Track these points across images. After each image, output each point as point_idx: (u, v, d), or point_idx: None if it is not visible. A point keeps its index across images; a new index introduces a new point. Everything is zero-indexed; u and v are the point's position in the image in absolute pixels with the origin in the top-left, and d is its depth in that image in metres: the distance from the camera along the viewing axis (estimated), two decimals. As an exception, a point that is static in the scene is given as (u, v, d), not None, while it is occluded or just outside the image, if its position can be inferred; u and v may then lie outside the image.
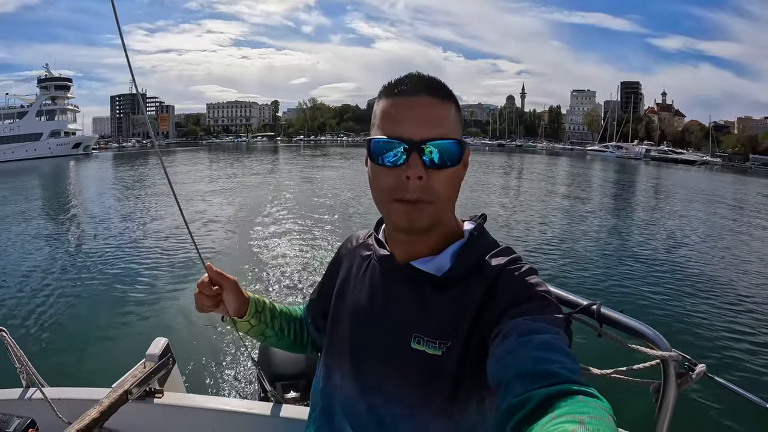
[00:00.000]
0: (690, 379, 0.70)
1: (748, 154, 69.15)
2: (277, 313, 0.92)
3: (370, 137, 0.65)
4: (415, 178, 0.61)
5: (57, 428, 0.99)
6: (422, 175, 0.62)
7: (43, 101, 56.10)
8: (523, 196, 17.96)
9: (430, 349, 0.65)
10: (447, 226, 0.71)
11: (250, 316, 0.87)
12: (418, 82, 0.64)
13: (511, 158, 48.08)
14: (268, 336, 0.92)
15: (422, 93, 0.63)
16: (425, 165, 0.62)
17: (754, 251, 9.20)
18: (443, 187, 0.64)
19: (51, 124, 54.51)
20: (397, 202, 0.64)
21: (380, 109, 0.66)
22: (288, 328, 0.93)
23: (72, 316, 4.77)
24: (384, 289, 0.74)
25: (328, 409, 0.76)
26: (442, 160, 0.62)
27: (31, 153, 50.49)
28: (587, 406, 0.42)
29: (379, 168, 0.65)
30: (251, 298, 0.88)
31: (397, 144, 0.62)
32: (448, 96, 0.65)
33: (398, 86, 0.65)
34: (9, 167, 36.76)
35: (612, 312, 0.76)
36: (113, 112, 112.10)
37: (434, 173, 0.62)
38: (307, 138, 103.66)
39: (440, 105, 0.64)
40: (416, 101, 0.63)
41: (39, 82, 58.79)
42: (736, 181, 32.80)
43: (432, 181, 0.62)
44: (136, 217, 11.43)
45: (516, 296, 0.62)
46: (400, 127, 0.62)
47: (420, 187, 0.62)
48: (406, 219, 0.64)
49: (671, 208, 15.58)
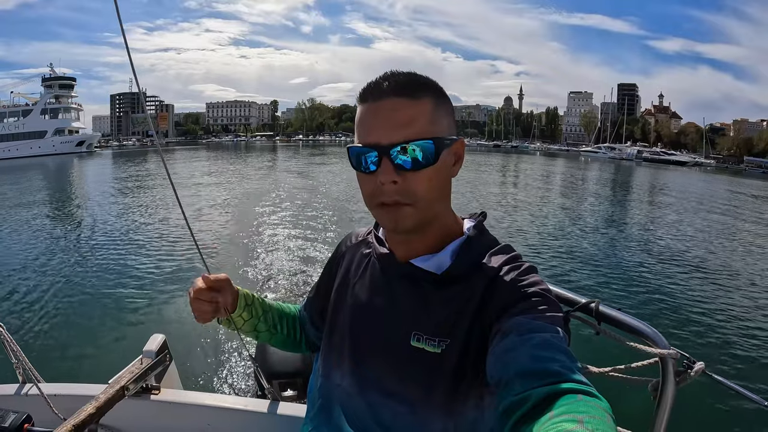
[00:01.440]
0: (688, 377, 0.70)
1: (742, 156, 69.86)
2: (268, 308, 0.91)
3: (348, 146, 0.66)
4: (389, 183, 0.62)
5: (53, 424, 0.98)
6: (395, 179, 0.61)
7: (48, 100, 56.99)
8: (512, 193, 18.10)
9: (430, 347, 0.65)
10: (443, 224, 0.70)
11: (241, 309, 0.85)
12: (384, 86, 0.63)
13: (504, 158, 48.60)
14: (261, 331, 0.89)
15: (389, 95, 0.62)
16: (397, 169, 0.61)
17: (752, 250, 9.26)
18: (421, 187, 0.63)
19: (55, 123, 55.89)
20: (379, 207, 0.65)
21: (357, 116, 0.66)
22: (281, 324, 0.92)
23: (69, 311, 4.74)
24: (384, 287, 0.73)
25: (326, 406, 0.76)
26: (415, 162, 0.61)
27: (36, 150, 51.67)
28: (586, 405, 0.42)
29: (360, 174, 0.66)
30: (240, 291, 0.86)
31: (367, 150, 0.63)
32: (420, 92, 0.63)
33: (367, 91, 0.65)
34: (15, 164, 37.14)
35: (610, 310, 0.76)
36: (113, 111, 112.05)
37: (410, 175, 0.62)
38: (306, 138, 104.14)
39: (409, 105, 0.62)
40: (382, 105, 0.62)
41: (43, 81, 59.85)
42: (728, 182, 33.09)
43: (408, 183, 0.62)
44: (135, 213, 11.40)
45: (516, 294, 0.62)
46: (371, 134, 0.62)
47: (396, 191, 0.62)
48: (391, 222, 0.65)
49: (667, 208, 15.67)
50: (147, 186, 17.93)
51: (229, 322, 0.85)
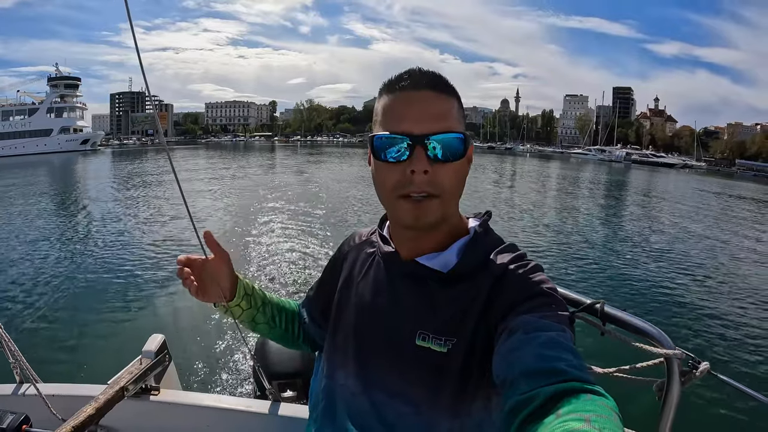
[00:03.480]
0: (694, 377, 0.70)
1: (735, 159, 70.57)
2: (268, 300, 0.90)
3: (373, 134, 0.65)
4: (421, 173, 0.61)
5: (51, 425, 0.97)
6: (427, 169, 0.61)
7: (53, 99, 58.60)
8: (504, 192, 18.19)
9: (436, 346, 0.64)
10: (452, 223, 0.70)
11: (240, 298, 0.82)
12: (419, 77, 0.64)
13: (496, 160, 49.18)
14: (259, 323, 0.88)
15: (424, 87, 0.63)
16: (430, 159, 0.61)
17: (758, 250, 9.32)
18: (449, 180, 0.63)
19: (61, 121, 57.33)
20: (402, 199, 0.63)
21: (382, 105, 0.66)
22: (279, 318, 0.91)
23: (68, 311, 4.71)
24: (389, 286, 0.73)
25: (330, 406, 0.75)
26: (446, 154, 0.62)
27: (42, 148, 53.09)
28: (594, 404, 0.42)
29: (382, 164, 0.64)
30: (240, 279, 0.84)
31: (400, 139, 0.62)
32: (450, 91, 0.65)
33: (399, 82, 0.65)
34: (22, 160, 38.36)
35: (615, 310, 0.76)
36: (113, 110, 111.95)
37: (439, 167, 0.62)
38: (304, 138, 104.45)
39: (442, 99, 0.64)
40: (418, 95, 0.63)
41: (49, 81, 61.59)
42: (717, 184, 33.56)
43: (437, 175, 0.62)
44: (135, 211, 11.39)
45: (522, 293, 0.61)
46: (403, 123, 0.62)
47: (426, 181, 0.62)
48: (412, 216, 0.64)
49: (662, 209, 15.77)
50: (147, 184, 17.97)
51: (226, 310, 0.83)
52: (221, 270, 0.79)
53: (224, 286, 0.80)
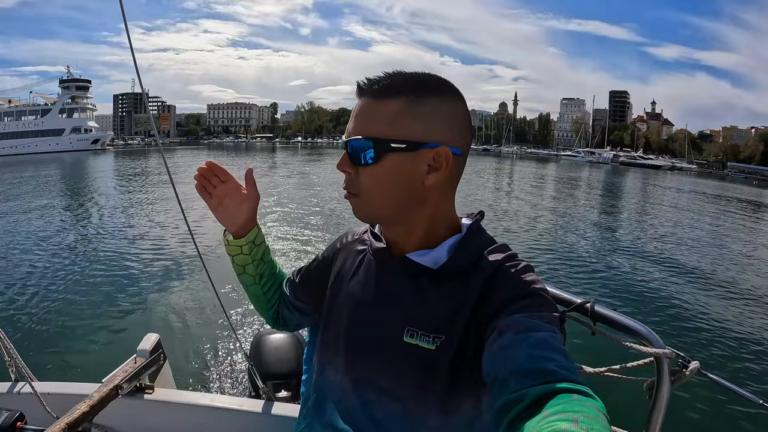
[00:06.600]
0: (683, 376, 0.70)
1: (728, 161, 71.13)
2: (268, 259, 0.93)
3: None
4: (344, 172, 0.68)
5: (46, 422, 0.97)
6: (349, 170, 0.67)
7: (65, 100, 61.52)
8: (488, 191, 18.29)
9: (424, 343, 0.64)
10: (430, 223, 0.69)
11: (246, 241, 0.87)
12: (364, 85, 0.66)
13: (488, 161, 49.50)
14: (248, 273, 0.90)
15: (362, 94, 0.66)
16: (353, 161, 0.66)
17: (746, 248, 9.37)
18: (367, 183, 0.66)
19: (72, 121, 60.23)
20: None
21: None
22: (266, 280, 0.93)
23: (63, 309, 4.68)
24: (379, 282, 0.73)
25: (320, 402, 0.76)
26: (356, 158, 0.65)
27: (54, 147, 56.14)
28: (582, 405, 0.42)
29: None
30: (257, 227, 0.88)
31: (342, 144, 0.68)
32: (387, 94, 0.63)
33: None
34: (35, 158, 40.51)
35: (606, 310, 0.76)
36: (116, 110, 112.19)
37: (361, 169, 0.66)
38: (305, 140, 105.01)
39: (374, 104, 0.64)
40: (359, 102, 0.66)
41: (61, 83, 65.40)
42: (703, 185, 33.86)
43: (358, 176, 0.67)
44: (132, 210, 11.36)
45: (513, 293, 0.61)
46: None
47: (348, 181, 0.68)
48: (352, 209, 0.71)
49: (657, 207, 15.82)
50: (147, 183, 17.99)
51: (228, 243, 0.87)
52: (245, 205, 0.85)
53: (240, 220, 0.85)
